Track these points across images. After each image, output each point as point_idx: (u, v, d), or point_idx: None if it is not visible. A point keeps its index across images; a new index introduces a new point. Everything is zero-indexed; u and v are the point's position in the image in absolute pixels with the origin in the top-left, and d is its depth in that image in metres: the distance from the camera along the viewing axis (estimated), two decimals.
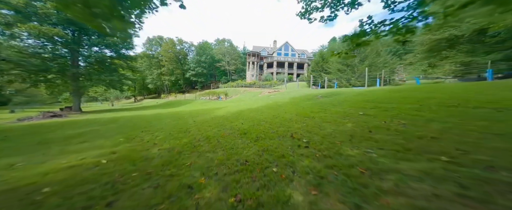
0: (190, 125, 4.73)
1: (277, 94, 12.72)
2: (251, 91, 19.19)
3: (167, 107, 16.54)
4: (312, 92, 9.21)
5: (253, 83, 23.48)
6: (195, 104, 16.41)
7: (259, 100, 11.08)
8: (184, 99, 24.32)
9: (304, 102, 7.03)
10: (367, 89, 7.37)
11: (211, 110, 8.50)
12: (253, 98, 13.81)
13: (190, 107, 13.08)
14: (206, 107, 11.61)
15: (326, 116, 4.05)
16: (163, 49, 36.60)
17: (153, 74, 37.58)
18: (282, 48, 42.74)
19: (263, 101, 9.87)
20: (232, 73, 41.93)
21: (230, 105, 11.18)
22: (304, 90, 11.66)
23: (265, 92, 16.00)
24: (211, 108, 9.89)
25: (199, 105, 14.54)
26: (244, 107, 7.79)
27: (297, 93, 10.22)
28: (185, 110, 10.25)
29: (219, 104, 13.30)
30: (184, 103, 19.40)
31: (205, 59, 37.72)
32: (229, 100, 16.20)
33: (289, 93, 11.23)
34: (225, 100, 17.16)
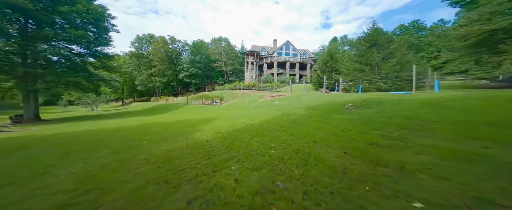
0: (136, 164, 2.49)
1: (282, 100, 10.57)
2: (250, 94, 17.01)
3: (149, 113, 14.21)
4: (333, 99, 7.07)
5: (252, 85, 21.35)
6: (183, 111, 14.12)
7: (261, 109, 8.88)
8: (175, 103, 22.01)
9: (331, 115, 4.87)
10: (428, 96, 5.20)
11: (195, 123, 6.29)
12: (253, 105, 11.62)
13: (174, 115, 10.81)
14: (193, 116, 9.37)
15: (427, 160, 1.87)
16: (153, 48, 34.20)
17: (142, 75, 35.01)
18: (283, 47, 40.95)
19: (267, 111, 7.67)
20: (229, 75, 39.80)
21: (224, 114, 8.95)
22: (317, 95, 9.54)
23: (267, 96, 13.83)
24: (198, 119, 7.66)
25: (187, 112, 12.26)
26: (242, 121, 5.59)
27: (311, 100, 8.07)
28: (164, 121, 7.99)
29: (211, 112, 11.06)
30: (172, 108, 17.09)
31: (200, 59, 35.49)
32: (225, 107, 13.97)
33: (299, 99, 9.08)
34: (220, 105, 14.94)
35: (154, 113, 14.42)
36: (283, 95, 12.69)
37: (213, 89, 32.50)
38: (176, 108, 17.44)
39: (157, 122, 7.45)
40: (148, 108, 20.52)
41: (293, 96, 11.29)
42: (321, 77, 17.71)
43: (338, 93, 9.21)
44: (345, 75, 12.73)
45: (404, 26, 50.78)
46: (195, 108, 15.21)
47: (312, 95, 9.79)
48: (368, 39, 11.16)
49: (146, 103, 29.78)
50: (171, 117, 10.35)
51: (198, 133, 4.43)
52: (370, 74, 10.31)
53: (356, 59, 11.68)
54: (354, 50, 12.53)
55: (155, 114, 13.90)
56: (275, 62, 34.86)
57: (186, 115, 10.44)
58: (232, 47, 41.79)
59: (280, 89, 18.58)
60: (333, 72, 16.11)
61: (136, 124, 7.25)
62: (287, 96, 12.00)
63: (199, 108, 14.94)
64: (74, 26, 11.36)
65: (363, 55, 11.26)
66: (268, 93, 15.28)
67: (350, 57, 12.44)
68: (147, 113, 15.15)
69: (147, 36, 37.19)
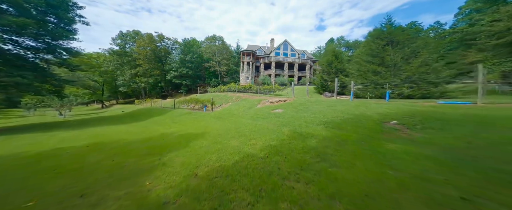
0: None
1: (285, 107, 8.91)
2: (247, 98, 15.26)
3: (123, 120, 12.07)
4: (358, 111, 5.45)
5: (248, 87, 19.62)
6: (165, 118, 12.10)
7: (260, 121, 7.15)
8: (160, 108, 19.82)
9: (379, 143, 3.22)
10: None
11: (168, 145, 4.48)
12: (249, 112, 9.86)
13: (150, 126, 8.84)
14: (172, 128, 7.50)
15: None
16: (138, 46, 31.59)
17: (125, 75, 32.24)
18: (281, 47, 39.71)
19: (269, 125, 5.95)
20: (223, 75, 37.88)
21: (213, 127, 7.13)
22: (327, 102, 7.94)
23: (266, 101, 12.13)
24: (175, 136, 5.83)
25: (168, 121, 10.28)
26: (235, 147, 3.84)
27: (325, 109, 6.43)
28: (127, 138, 6.07)
29: (197, 121, 9.18)
30: (154, 114, 15.00)
31: (191, 59, 33.32)
32: (216, 114, 12.10)
33: (307, 108, 7.43)
34: (211, 111, 13.05)
35: (129, 120, 12.31)
36: (285, 100, 11.03)
37: (205, 91, 30.50)
38: (160, 113, 15.36)
39: (115, 141, 5.51)
40: (127, 113, 18.25)
41: (297, 102, 9.65)
42: (324, 79, 16.32)
43: (357, 101, 7.58)
44: (355, 78, 11.31)
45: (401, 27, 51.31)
46: (181, 114, 13.22)
47: (322, 103, 8.17)
48: (383, 36, 9.82)
49: (129, 107, 27.21)
50: (144, 128, 8.38)
51: (158, 173, 2.63)
52: (388, 76, 8.89)
53: (368, 59, 10.27)
54: (365, 49, 11.15)
55: (129, 121, 11.81)
56: (273, 63, 33.42)
57: (165, 126, 8.51)
58: (226, 46, 40.01)
59: (279, 92, 16.97)
60: (339, 74, 14.72)
61: (82, 143, 5.29)
62: (290, 102, 10.35)
63: (186, 114, 12.98)
64: (23, 13, 9.13)
65: (377, 55, 9.89)
66: (266, 98, 13.59)
67: (360, 57, 11.02)
68: (120, 119, 12.99)
69: (132, 33, 34.53)
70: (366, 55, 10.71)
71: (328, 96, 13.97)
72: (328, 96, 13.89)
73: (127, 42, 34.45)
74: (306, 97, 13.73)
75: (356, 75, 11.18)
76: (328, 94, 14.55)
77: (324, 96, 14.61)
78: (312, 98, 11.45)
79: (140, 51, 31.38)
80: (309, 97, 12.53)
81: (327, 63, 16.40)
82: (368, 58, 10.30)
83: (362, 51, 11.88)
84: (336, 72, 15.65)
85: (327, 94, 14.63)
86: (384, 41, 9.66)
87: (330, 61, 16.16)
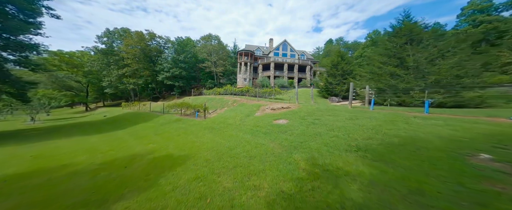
0: None
1: (291, 116, 7.57)
2: (244, 103, 13.88)
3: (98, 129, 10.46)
4: (391, 127, 4.12)
5: (246, 90, 18.24)
6: (148, 128, 10.55)
7: (260, 136, 5.78)
8: (148, 112, 18.19)
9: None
10: None
11: (123, 183, 3.02)
12: (247, 122, 8.47)
13: (125, 139, 7.29)
14: (151, 144, 6.04)
15: None
16: (126, 44, 29.71)
17: (111, 76, 30.26)
18: (280, 47, 38.63)
19: (274, 144, 4.59)
20: (220, 77, 36.41)
21: (201, 144, 5.71)
22: (344, 112, 6.62)
23: (266, 107, 10.77)
24: (150, 159, 4.40)
25: (149, 133, 8.76)
26: (226, 186, 2.38)
27: (347, 124, 5.10)
28: (79, 162, 4.56)
29: (184, 134, 7.71)
30: (139, 120, 13.41)
31: (185, 59, 31.70)
32: (208, 123, 10.65)
33: (320, 119, 6.11)
34: (204, 119, 11.59)
35: (107, 128, 10.71)
36: (288, 108, 9.68)
37: (200, 93, 28.95)
38: (145, 119, 13.79)
39: (58, 167, 4.04)
40: (109, 118, 16.57)
41: (303, 110, 8.32)
42: (329, 82, 15.10)
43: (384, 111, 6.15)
44: (367, 81, 10.09)
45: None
46: (168, 121, 11.70)
47: (336, 112, 6.85)
48: (401, 34, 8.65)
49: (115, 110, 25.34)
50: (118, 141, 6.86)
51: None
52: (411, 80, 7.65)
53: (384, 60, 9.06)
54: (379, 49, 9.94)
55: (107, 129, 10.24)
56: (272, 64, 32.22)
57: (143, 140, 7.01)
58: (223, 45, 38.65)
59: (280, 96, 15.66)
60: (346, 76, 13.52)
61: (7, 171, 3.76)
62: (295, 109, 9.01)
63: (174, 122, 11.46)
64: None
65: (394, 55, 8.70)
66: (266, 103, 12.23)
67: (374, 58, 9.80)
68: (98, 127, 11.38)
69: (120, 30, 32.62)
70: (380, 55, 9.53)
71: (335, 101, 12.75)
72: (335, 102, 12.66)
73: (115, 41, 32.51)
74: (312, 103, 12.44)
75: (368, 78, 9.96)
76: (334, 99, 13.30)
77: (330, 102, 13.38)
78: (320, 105, 10.14)
79: (128, 50, 29.51)
80: (316, 104, 11.21)
81: (332, 65, 15.20)
82: (383, 58, 9.09)
83: (375, 50, 10.67)
84: (342, 74, 14.45)
85: (334, 99, 13.38)
86: (402, 39, 8.48)
87: (335, 62, 14.95)
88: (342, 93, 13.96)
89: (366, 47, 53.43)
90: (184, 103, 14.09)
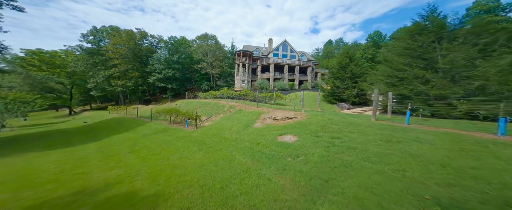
0: None
1: (299, 130, 6.24)
2: (242, 109, 12.48)
3: (62, 142, 8.79)
4: (473, 164, 2.77)
5: (244, 94, 16.85)
6: (124, 141, 9.00)
7: (264, 165, 4.42)
8: (135, 118, 16.59)
9: None
10: None
11: None
12: (245, 138, 7.08)
13: (84, 162, 5.77)
14: (118, 168, 4.58)
15: None
16: (113, 43, 27.93)
17: (97, 77, 28.41)
18: (280, 48, 37.52)
19: (287, 187, 3.16)
20: (216, 78, 34.96)
21: (184, 170, 4.25)
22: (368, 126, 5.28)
23: (268, 116, 9.40)
24: (104, 194, 2.80)
25: (122, 150, 7.23)
26: None
27: (384, 148, 3.75)
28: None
29: (167, 151, 6.23)
30: (118, 129, 11.84)
31: (178, 59, 30.14)
32: (199, 136, 9.21)
33: (340, 138, 4.80)
34: (196, 129, 10.14)
35: (79, 139, 9.17)
36: (294, 118, 8.30)
37: (195, 96, 27.42)
38: (128, 127, 12.23)
39: None
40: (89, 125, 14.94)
41: (314, 122, 6.95)
42: (336, 86, 13.81)
43: (431, 128, 4.59)
44: (384, 86, 8.81)
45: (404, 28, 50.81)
46: (154, 132, 10.18)
47: (362, 128, 5.50)
48: (427, 32, 7.39)
49: (100, 114, 23.53)
50: (79, 162, 5.35)
51: None
52: (446, 85, 6.32)
53: (407, 62, 7.76)
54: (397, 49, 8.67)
55: (79, 140, 8.71)
56: (272, 65, 30.97)
57: (112, 160, 5.52)
58: (220, 46, 37.30)
59: (282, 101, 14.31)
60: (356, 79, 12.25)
61: None
62: (302, 120, 7.63)
63: (160, 133, 9.96)
64: None
65: (420, 56, 7.45)
66: (267, 110, 10.85)
67: (393, 59, 8.50)
68: (69, 137, 9.80)
69: (108, 29, 30.85)
70: (399, 56, 8.28)
71: (345, 108, 11.45)
72: (345, 109, 11.35)
73: (103, 40, 30.75)
74: (319, 110, 11.10)
75: (386, 82, 8.66)
76: (344, 106, 12.00)
77: (338, 108, 12.07)
78: (330, 113, 8.78)
79: (116, 50, 27.76)
80: (324, 112, 9.88)
81: (339, 67, 13.93)
82: (406, 59, 7.80)
83: (391, 50, 9.43)
84: (351, 77, 13.18)
85: (343, 106, 12.07)
86: (430, 37, 7.24)
87: (343, 64, 13.68)
88: (352, 98, 12.66)
89: (367, 48, 52.85)
90: (174, 110, 12.59)
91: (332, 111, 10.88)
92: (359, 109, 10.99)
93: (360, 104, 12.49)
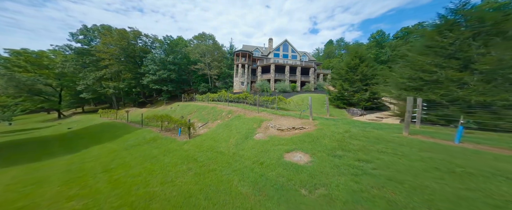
0: None
1: (310, 146, 5.16)
2: (241, 114, 11.38)
3: (30, 155, 7.61)
4: None
5: (243, 97, 15.76)
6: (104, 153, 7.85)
7: (272, 200, 3.14)
8: (124, 123, 15.39)
9: None
10: None
11: None
12: (244, 153, 5.97)
13: (39, 186, 4.60)
14: (80, 197, 3.33)
15: None
16: (103, 43, 26.65)
17: (87, 79, 27.12)
18: (280, 48, 36.58)
19: None
20: (214, 80, 33.85)
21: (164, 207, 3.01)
22: (408, 145, 4.20)
23: (270, 124, 8.30)
24: None
25: (96, 169, 6.10)
26: None
27: (449, 183, 2.58)
28: None
29: (149, 170, 5.12)
30: (100, 138, 10.67)
31: (174, 60, 29.01)
32: (190, 151, 8.10)
33: (369, 162, 3.73)
34: (188, 139, 9.02)
35: (45, 154, 7.98)
36: (302, 128, 7.19)
37: (191, 99, 26.27)
38: (113, 136, 11.07)
39: None
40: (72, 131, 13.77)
41: (327, 134, 5.85)
42: (345, 89, 12.70)
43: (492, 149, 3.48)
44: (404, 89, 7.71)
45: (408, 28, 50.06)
46: (139, 143, 9.02)
47: (396, 146, 4.40)
48: (458, 27, 6.33)
49: (89, 119, 22.29)
50: (17, 195, 4.15)
51: None
52: (491, 89, 5.21)
53: (437, 62, 6.62)
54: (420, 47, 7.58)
55: (44, 156, 7.55)
56: (272, 66, 29.92)
57: (73, 187, 4.38)
58: (218, 46, 36.29)
59: (285, 106, 13.20)
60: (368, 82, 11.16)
61: None
62: (312, 132, 6.53)
63: (146, 144, 8.81)
64: None
65: (453, 55, 6.34)
66: (269, 116, 9.74)
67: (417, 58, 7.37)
68: (40, 149, 8.63)
69: (100, 28, 29.62)
70: (424, 55, 7.18)
71: (358, 114, 10.32)
72: (357, 115, 10.22)
73: (94, 39, 29.52)
74: (327, 117, 9.98)
75: (407, 85, 7.55)
76: (356, 112, 10.87)
77: (349, 114, 10.94)
78: (345, 122, 7.67)
79: (106, 50, 26.50)
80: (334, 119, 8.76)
81: (348, 68, 12.83)
82: (436, 59, 6.68)
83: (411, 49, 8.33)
84: (362, 79, 12.07)
85: (355, 112, 10.94)
86: (466, 33, 6.17)
87: (352, 65, 12.57)
88: (362, 103, 11.52)
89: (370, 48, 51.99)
90: (165, 116, 11.44)
91: (343, 118, 9.77)
92: (374, 115, 9.85)
93: (372, 109, 11.40)
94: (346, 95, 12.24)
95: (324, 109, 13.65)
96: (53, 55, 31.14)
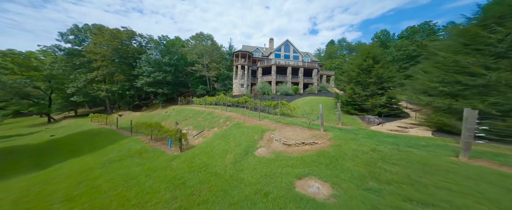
0: None
1: (328, 170, 4.07)
2: (240, 122, 10.26)
3: None
4: None
5: (243, 101, 14.65)
6: (65, 179, 6.69)
7: None
8: (114, 130, 14.24)
9: None
10: None
11: None
12: (245, 178, 4.82)
13: None
14: None
15: None
16: (94, 43, 25.42)
17: (78, 81, 25.97)
18: (282, 48, 35.57)
19: None
20: (213, 82, 32.73)
21: None
22: (483, 182, 3.02)
23: (275, 135, 7.18)
24: None
25: (39, 205, 4.82)
26: None
27: None
28: None
29: (124, 199, 3.86)
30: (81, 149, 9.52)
31: (170, 61, 27.92)
32: (179, 171, 6.98)
33: (425, 198, 2.43)
34: (179, 153, 7.86)
35: (9, 171, 6.80)
36: (313, 144, 6.04)
37: (188, 102, 25.14)
38: (95, 146, 9.95)
39: None
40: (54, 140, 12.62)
41: (348, 153, 4.76)
42: (356, 93, 11.52)
43: None
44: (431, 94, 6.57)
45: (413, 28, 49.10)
46: (121, 157, 7.87)
47: (456, 179, 3.26)
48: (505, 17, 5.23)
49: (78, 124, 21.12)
50: None
51: None
52: None
53: (481, 62, 5.47)
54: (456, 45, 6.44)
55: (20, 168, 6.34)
56: (273, 67, 28.83)
57: None
58: (217, 46, 35.29)
59: (288, 111, 12.05)
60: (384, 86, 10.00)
61: None
62: (327, 149, 5.44)
63: (128, 158, 7.66)
64: None
65: (504, 53, 5.21)
66: (273, 125, 8.59)
67: (451, 57, 6.23)
68: (5, 165, 7.40)
69: (92, 28, 28.50)
70: (463, 55, 6.00)
71: (375, 123, 9.03)
72: (374, 124, 8.92)
73: (86, 39, 28.44)
74: (339, 126, 8.79)
75: (439, 90, 6.38)
76: (373, 120, 9.56)
77: (364, 122, 9.66)
78: (368, 137, 6.54)
79: (97, 50, 25.36)
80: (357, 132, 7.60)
81: (359, 70, 11.64)
82: (482, 59, 5.54)
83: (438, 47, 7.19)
84: (377, 82, 10.88)
85: (371, 120, 9.63)
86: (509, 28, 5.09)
87: (365, 66, 11.37)
88: (377, 109, 10.28)
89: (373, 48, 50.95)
90: (155, 125, 10.29)
91: (358, 128, 8.59)
92: (395, 125, 8.53)
93: (390, 116, 10.15)
94: (358, 100, 11.07)
95: (333, 115, 12.45)
96: (43, 56, 30.07)
